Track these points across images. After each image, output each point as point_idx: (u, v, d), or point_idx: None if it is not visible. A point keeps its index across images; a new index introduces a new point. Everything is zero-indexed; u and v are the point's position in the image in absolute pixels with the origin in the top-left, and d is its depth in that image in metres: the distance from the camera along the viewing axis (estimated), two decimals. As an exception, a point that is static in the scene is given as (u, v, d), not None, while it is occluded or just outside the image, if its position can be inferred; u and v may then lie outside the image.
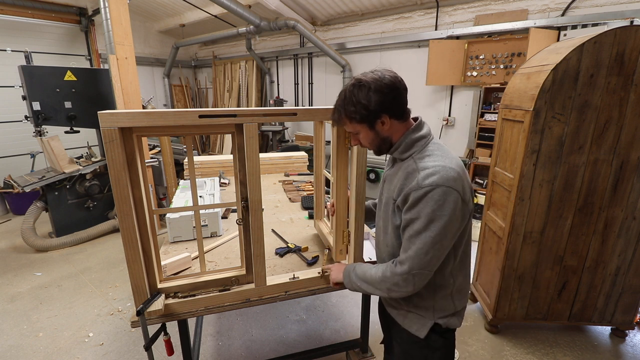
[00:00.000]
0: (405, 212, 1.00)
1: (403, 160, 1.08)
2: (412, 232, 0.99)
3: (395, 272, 1.03)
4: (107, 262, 3.43)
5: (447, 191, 0.94)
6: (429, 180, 0.95)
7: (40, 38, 5.39)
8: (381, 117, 1.01)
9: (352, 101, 1.00)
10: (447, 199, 0.94)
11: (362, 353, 2.05)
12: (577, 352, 2.24)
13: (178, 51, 7.38)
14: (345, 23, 5.72)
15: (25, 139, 5.15)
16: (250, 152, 1.20)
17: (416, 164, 1.01)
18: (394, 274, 1.03)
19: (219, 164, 3.17)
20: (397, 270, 1.03)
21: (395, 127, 1.06)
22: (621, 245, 2.11)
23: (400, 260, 1.03)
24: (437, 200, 0.94)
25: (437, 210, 0.94)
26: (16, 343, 2.34)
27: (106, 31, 3.42)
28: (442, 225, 0.95)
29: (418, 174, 0.98)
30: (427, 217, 0.95)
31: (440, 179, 0.94)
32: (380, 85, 0.97)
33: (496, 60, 4.26)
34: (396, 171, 1.10)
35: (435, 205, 0.94)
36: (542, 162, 1.96)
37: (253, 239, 1.29)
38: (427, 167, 0.98)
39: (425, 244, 0.97)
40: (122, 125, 1.05)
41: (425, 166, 0.99)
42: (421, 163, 1.01)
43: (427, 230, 0.96)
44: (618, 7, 3.50)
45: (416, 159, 1.03)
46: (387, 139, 1.08)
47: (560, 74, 1.80)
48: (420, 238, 0.97)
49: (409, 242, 1.00)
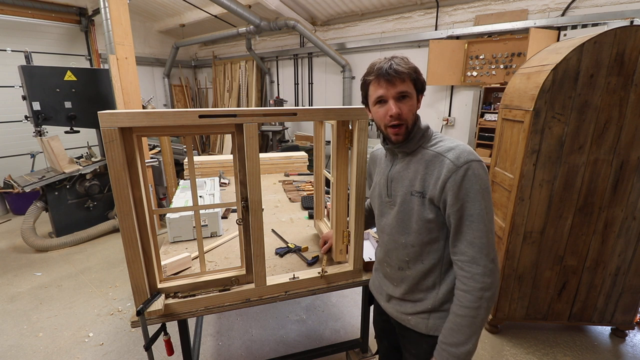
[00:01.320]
0: (453, 200, 0.94)
1: (410, 153, 1.05)
2: (469, 218, 0.93)
3: (479, 273, 0.93)
4: (107, 262, 3.43)
5: (480, 164, 0.94)
6: (463, 158, 0.93)
7: (40, 38, 5.39)
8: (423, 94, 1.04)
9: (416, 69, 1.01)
10: (483, 170, 0.94)
11: (362, 353, 2.05)
12: (577, 352, 2.24)
13: (178, 51, 7.38)
14: (345, 23, 5.72)
15: (25, 139, 5.15)
16: (250, 152, 1.20)
17: (433, 151, 1.00)
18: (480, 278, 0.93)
19: (219, 164, 3.17)
20: (480, 271, 0.93)
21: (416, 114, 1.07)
22: (621, 245, 2.11)
23: (474, 257, 0.94)
24: (478, 175, 0.93)
25: (483, 184, 0.93)
26: (16, 343, 2.34)
27: (106, 31, 3.42)
28: (489, 198, 0.94)
29: (444, 157, 0.96)
30: (478, 195, 0.92)
31: (471, 154, 0.94)
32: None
33: (496, 60, 4.26)
34: (405, 166, 1.06)
35: (480, 180, 0.93)
36: (542, 162, 1.96)
37: (253, 239, 1.29)
38: (450, 147, 0.97)
39: (487, 223, 0.93)
40: (122, 125, 1.05)
41: (448, 147, 0.98)
42: (439, 148, 0.99)
43: (482, 208, 0.92)
44: (618, 7, 3.50)
45: (428, 148, 1.02)
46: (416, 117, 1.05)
47: (560, 74, 1.80)
48: (481, 220, 0.93)
49: (470, 230, 0.93)
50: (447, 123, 4.91)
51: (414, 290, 1.10)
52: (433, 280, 1.06)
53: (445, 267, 1.05)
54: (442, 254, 1.04)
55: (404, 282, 1.12)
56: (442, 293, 1.05)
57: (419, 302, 1.09)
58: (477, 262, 0.93)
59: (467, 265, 0.95)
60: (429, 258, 1.05)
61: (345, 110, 1.29)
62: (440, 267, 1.05)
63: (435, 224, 1.01)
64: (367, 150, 1.34)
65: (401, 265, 1.12)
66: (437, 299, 1.06)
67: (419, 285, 1.09)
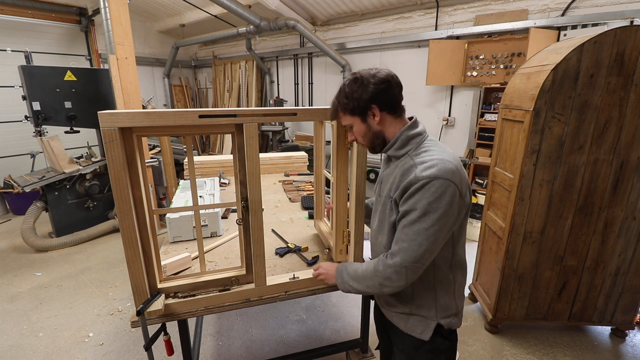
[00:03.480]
0: (402, 204, 0.99)
1: (399, 158, 1.07)
2: (406, 222, 0.97)
3: (387, 265, 1.01)
4: (107, 262, 3.43)
5: (445, 183, 0.93)
6: (427, 173, 0.94)
7: (40, 38, 5.39)
8: (372, 108, 1.03)
9: (346, 93, 1.04)
10: (445, 192, 0.93)
11: (362, 353, 2.05)
12: (577, 352, 2.24)
13: (178, 51, 7.38)
14: (345, 23, 5.72)
15: (25, 139, 5.14)
16: (250, 152, 1.20)
17: (413, 160, 1.01)
18: (386, 267, 1.01)
19: (219, 164, 3.17)
20: (389, 262, 1.01)
21: (388, 122, 1.06)
22: (621, 245, 2.11)
23: (392, 252, 1.01)
24: (434, 192, 0.93)
25: (434, 203, 0.93)
26: (16, 343, 2.34)
27: (106, 31, 3.42)
28: (437, 218, 0.93)
29: (415, 168, 0.98)
30: (423, 209, 0.94)
31: (438, 171, 0.93)
32: (373, 78, 1.01)
33: (496, 60, 4.26)
34: (392, 170, 1.09)
35: (432, 197, 0.93)
36: (542, 162, 1.96)
37: (253, 239, 1.29)
38: (425, 160, 0.98)
39: (419, 235, 0.95)
40: (122, 125, 1.05)
41: (422, 160, 0.98)
42: (418, 158, 1.00)
43: (422, 221, 0.94)
44: (618, 7, 3.50)
45: (412, 156, 1.03)
46: (380, 134, 1.08)
47: (560, 74, 1.80)
48: (415, 229, 0.95)
49: (402, 233, 0.99)
50: (447, 123, 4.90)
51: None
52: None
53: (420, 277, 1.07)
54: None
55: None
56: (417, 299, 1.10)
57: (397, 302, 1.16)
58: (393, 255, 1.01)
59: (388, 254, 1.03)
60: None
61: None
62: None
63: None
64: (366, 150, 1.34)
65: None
66: (413, 303, 1.12)
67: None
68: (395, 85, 1.03)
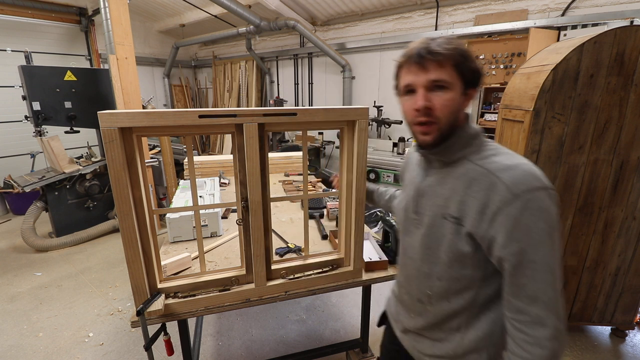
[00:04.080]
0: (506, 241, 0.71)
1: (449, 164, 0.82)
2: (531, 266, 0.70)
3: (547, 337, 0.71)
4: (107, 262, 3.43)
5: (549, 193, 0.70)
6: (525, 184, 0.69)
7: (40, 38, 5.39)
8: (477, 88, 0.80)
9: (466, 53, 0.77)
10: (552, 203, 0.71)
11: (362, 353, 2.05)
12: (577, 352, 2.23)
13: (178, 51, 7.38)
14: (345, 23, 5.72)
15: (25, 139, 5.14)
16: (250, 152, 1.20)
17: (482, 167, 0.76)
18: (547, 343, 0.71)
19: (219, 164, 3.17)
20: (547, 334, 0.71)
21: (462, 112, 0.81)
22: (621, 245, 2.11)
23: (536, 317, 0.71)
24: (545, 209, 0.69)
25: (551, 222, 0.70)
26: (16, 343, 2.34)
27: (106, 31, 3.42)
28: (558, 238, 0.71)
29: (496, 177, 0.72)
30: (543, 236, 0.69)
31: (536, 179, 0.70)
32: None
33: (496, 60, 4.26)
34: (441, 180, 0.83)
35: (548, 216, 0.69)
36: (542, 162, 1.96)
37: (253, 239, 1.29)
38: (509, 166, 0.73)
39: (555, 271, 0.71)
40: (122, 125, 1.05)
41: (503, 166, 0.73)
42: (492, 164, 0.75)
43: (548, 253, 0.70)
44: (618, 7, 3.50)
45: (476, 161, 0.78)
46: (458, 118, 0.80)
47: (560, 74, 1.80)
48: (547, 269, 0.70)
49: (532, 281, 0.71)
50: (447, 123, 4.91)
51: (433, 328, 0.91)
52: (459, 323, 0.86)
53: (477, 309, 0.83)
54: (475, 296, 0.82)
55: (422, 317, 0.93)
56: (469, 340, 0.84)
57: (438, 343, 0.90)
58: (542, 323, 0.71)
59: (529, 327, 0.72)
60: (457, 297, 0.84)
61: (345, 111, 1.29)
62: (470, 309, 0.84)
63: (471, 260, 0.79)
64: (367, 151, 1.34)
65: (421, 298, 0.91)
66: (461, 345, 0.85)
67: (441, 325, 0.89)
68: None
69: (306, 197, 1.42)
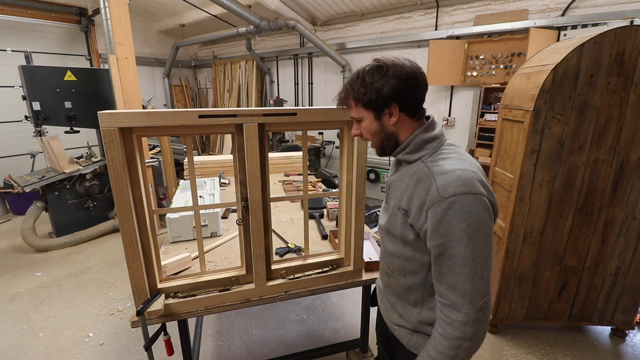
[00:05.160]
0: (432, 235, 0.82)
1: (410, 163, 0.94)
2: (451, 259, 0.81)
3: (460, 323, 0.81)
4: (107, 262, 3.43)
5: (476, 199, 0.79)
6: (452, 189, 0.79)
7: (40, 38, 5.39)
8: (390, 106, 0.88)
9: (365, 81, 0.88)
10: (478, 207, 0.79)
11: (362, 353, 2.05)
12: (577, 352, 2.24)
13: (178, 51, 7.38)
14: (345, 23, 5.72)
15: (25, 139, 5.15)
16: (250, 152, 1.20)
17: (429, 168, 0.87)
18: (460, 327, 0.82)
19: (219, 164, 3.17)
20: (459, 319, 0.81)
21: (405, 124, 0.92)
22: (621, 245, 2.11)
23: (454, 304, 0.82)
24: (467, 211, 0.78)
25: (473, 222, 0.78)
26: (16, 343, 2.34)
27: (106, 31, 3.42)
28: (483, 238, 0.79)
29: (434, 180, 0.83)
30: (463, 235, 0.78)
31: (464, 184, 0.79)
32: (399, 71, 0.85)
33: (496, 60, 4.26)
34: (402, 176, 0.96)
35: (469, 218, 0.78)
36: (542, 162, 1.96)
37: (253, 239, 1.29)
38: (445, 171, 0.83)
39: (476, 267, 0.79)
40: (122, 125, 1.05)
41: (442, 170, 0.83)
42: (435, 167, 0.86)
43: (469, 250, 0.79)
44: (618, 7, 3.50)
45: (427, 162, 0.89)
46: (393, 135, 0.93)
47: (560, 74, 1.80)
48: (466, 263, 0.79)
49: (453, 273, 0.81)
50: (447, 123, 4.90)
51: (397, 301, 1.04)
52: (415, 299, 0.99)
53: (428, 290, 0.95)
54: (424, 278, 0.94)
55: (389, 289, 1.08)
56: (424, 315, 0.97)
57: (402, 316, 1.03)
58: (458, 309, 0.82)
59: (447, 309, 0.84)
60: (411, 276, 0.97)
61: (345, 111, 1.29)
62: (422, 289, 0.96)
63: (416, 245, 0.91)
64: (367, 151, 1.34)
65: (387, 272, 1.07)
66: (418, 319, 0.98)
67: (402, 298, 1.02)
68: (422, 84, 0.88)
69: (306, 197, 1.42)
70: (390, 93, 0.86)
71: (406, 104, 0.89)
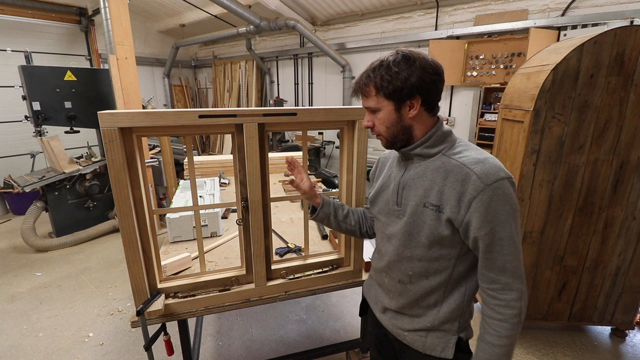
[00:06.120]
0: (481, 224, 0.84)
1: (427, 158, 0.93)
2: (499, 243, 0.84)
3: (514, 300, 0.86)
4: (107, 262, 3.43)
5: (512, 181, 0.85)
6: (493, 175, 0.83)
7: (40, 38, 5.39)
8: (413, 98, 0.88)
9: (390, 70, 0.86)
10: (514, 189, 0.85)
11: (362, 353, 2.05)
12: (577, 352, 2.23)
13: (178, 51, 7.38)
14: (345, 23, 5.72)
15: (25, 139, 5.14)
16: (250, 152, 1.20)
17: (457, 160, 0.88)
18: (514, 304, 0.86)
19: (219, 164, 3.17)
20: (513, 297, 0.86)
21: (423, 118, 0.92)
22: (621, 245, 2.11)
23: (506, 285, 0.87)
24: (509, 194, 0.83)
25: (514, 204, 0.84)
26: (16, 343, 2.34)
27: (106, 31, 3.42)
28: (518, 220, 0.87)
29: (469, 170, 0.85)
30: (509, 217, 0.84)
31: (501, 170, 0.84)
32: (426, 64, 0.87)
33: (496, 60, 4.26)
34: (422, 172, 0.93)
35: (511, 200, 0.83)
36: (542, 162, 1.96)
37: (253, 239, 1.29)
38: (479, 160, 0.85)
39: (517, 244, 0.86)
40: (122, 125, 1.05)
41: (474, 160, 0.86)
42: (464, 158, 0.87)
43: (512, 230, 0.85)
44: (618, 7, 3.50)
45: (450, 155, 0.90)
46: (408, 129, 0.93)
47: (560, 74, 1.80)
48: (511, 243, 0.85)
49: (502, 255, 0.85)
50: (447, 123, 4.90)
51: (412, 306, 1.01)
52: (435, 299, 0.98)
53: (451, 286, 0.96)
54: (450, 273, 0.95)
55: (403, 296, 1.03)
56: (444, 313, 0.97)
57: (416, 318, 1.01)
58: (510, 288, 0.87)
59: (501, 293, 0.87)
60: (435, 275, 0.96)
61: (345, 110, 1.29)
62: (446, 285, 0.96)
63: (449, 242, 0.92)
64: (367, 150, 1.34)
65: (402, 279, 1.02)
66: (437, 318, 0.98)
67: (419, 302, 1.00)
68: (443, 80, 0.91)
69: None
70: (417, 84, 0.86)
71: (429, 97, 0.90)
